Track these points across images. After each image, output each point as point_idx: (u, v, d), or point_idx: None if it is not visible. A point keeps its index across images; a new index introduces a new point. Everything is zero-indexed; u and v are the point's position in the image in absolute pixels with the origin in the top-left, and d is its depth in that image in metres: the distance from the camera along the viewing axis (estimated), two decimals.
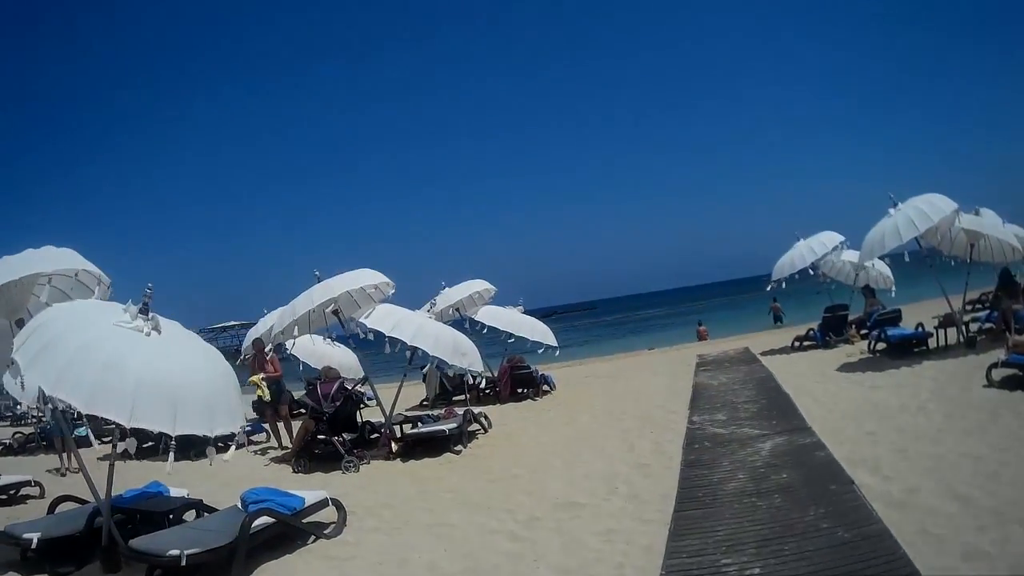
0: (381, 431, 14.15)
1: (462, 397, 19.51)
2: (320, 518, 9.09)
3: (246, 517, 7.80)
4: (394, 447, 13.57)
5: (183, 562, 6.97)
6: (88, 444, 14.00)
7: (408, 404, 19.42)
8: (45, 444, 18.16)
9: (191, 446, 10.46)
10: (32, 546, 8.04)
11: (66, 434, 11.21)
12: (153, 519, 8.76)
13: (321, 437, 13.31)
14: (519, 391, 19.88)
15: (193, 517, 9.26)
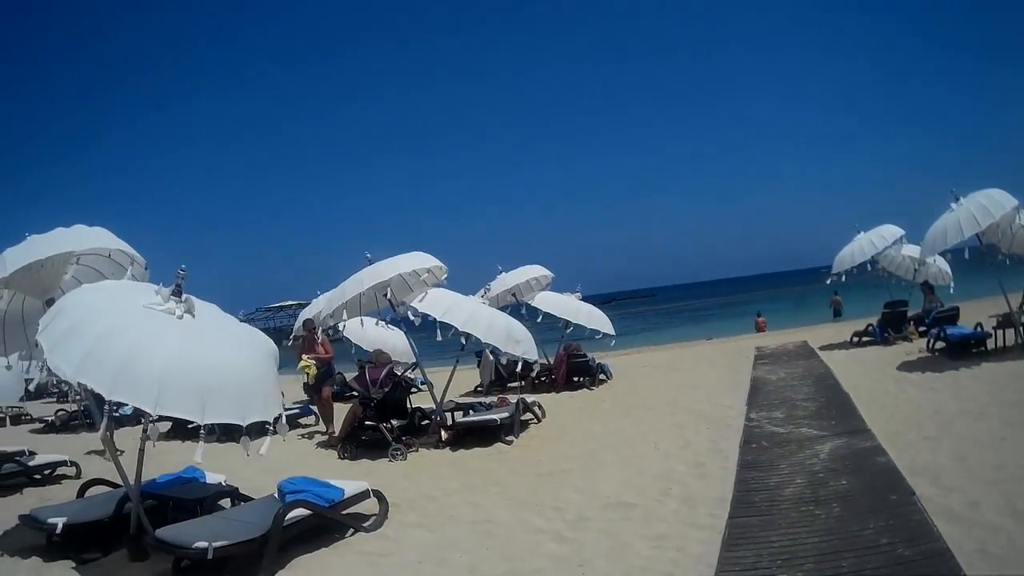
0: (432, 418, 13.99)
1: (517, 384, 19.45)
2: (361, 510, 8.89)
3: (280, 509, 7.58)
4: (444, 435, 13.43)
5: (210, 555, 6.78)
6: (135, 422, 13.80)
7: (463, 390, 19.56)
8: (89, 423, 17.78)
9: (237, 429, 10.28)
10: (57, 531, 7.85)
11: (95, 417, 10.87)
12: (185, 506, 8.56)
13: (369, 423, 13.18)
14: (575, 380, 19.66)
15: (229, 505, 9.15)
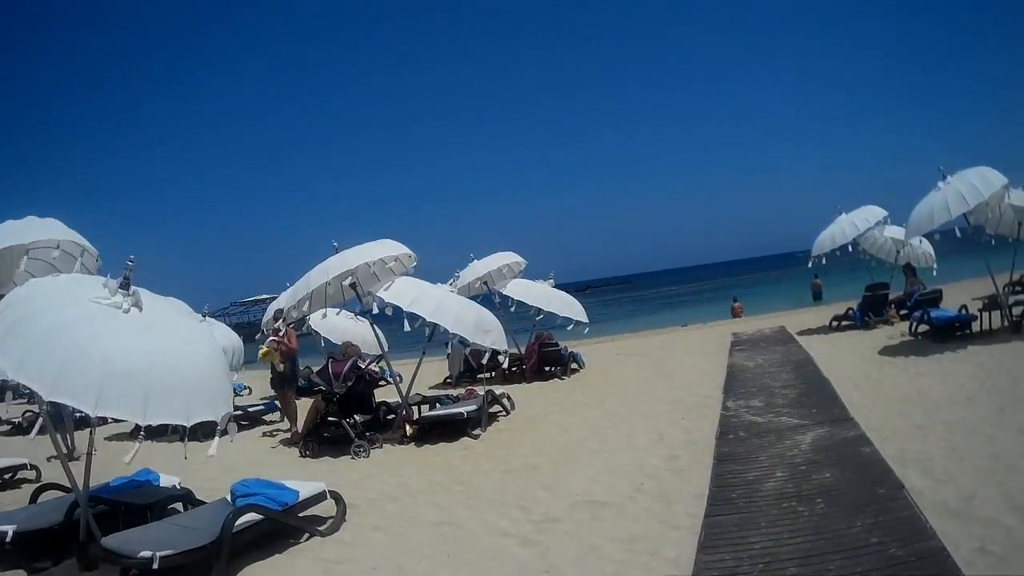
0: (397, 412, 13.59)
1: (487, 375, 19.04)
2: (318, 512, 8.56)
3: (230, 514, 7.23)
4: (409, 430, 12.97)
5: (156, 565, 6.41)
6: (104, 422, 13.11)
7: (432, 382, 19.48)
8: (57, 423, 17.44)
9: (201, 426, 9.92)
10: (7, 539, 7.51)
11: (45, 418, 10.33)
12: (136, 512, 8.23)
13: (332, 419, 12.80)
14: (547, 369, 19.32)
15: (183, 509, 8.72)
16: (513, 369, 19.40)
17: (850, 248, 21.71)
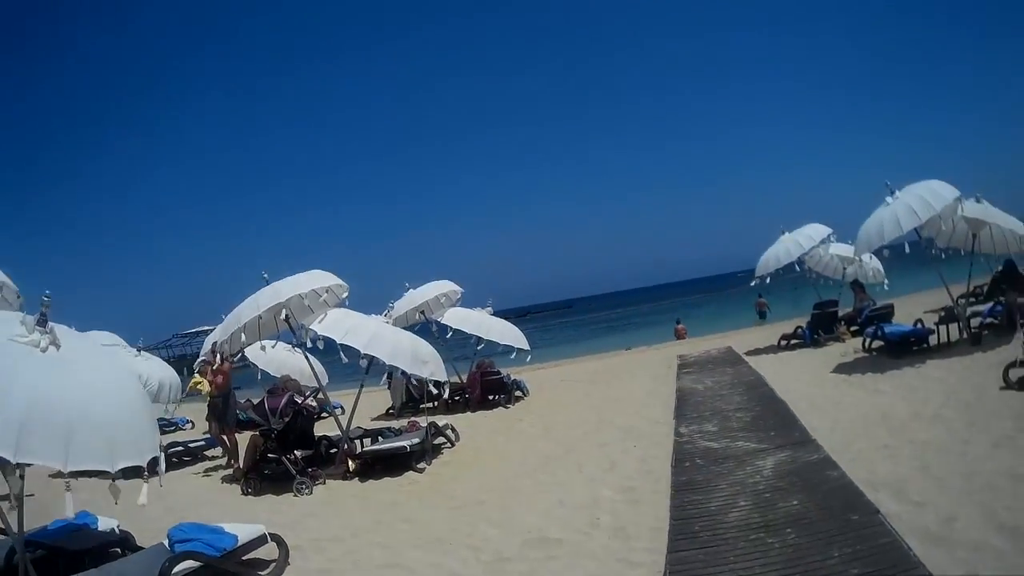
0: (339, 446, 13.03)
1: (431, 405, 18.42)
2: (261, 554, 7.96)
3: (165, 562, 6.74)
4: (351, 465, 12.43)
5: None
6: None
7: (375, 413, 19.15)
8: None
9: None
10: None
11: None
12: (73, 558, 7.74)
13: (272, 455, 12.22)
14: (490, 398, 18.85)
15: (123, 553, 8.25)
16: (456, 399, 18.97)
17: (796, 267, 21.49)
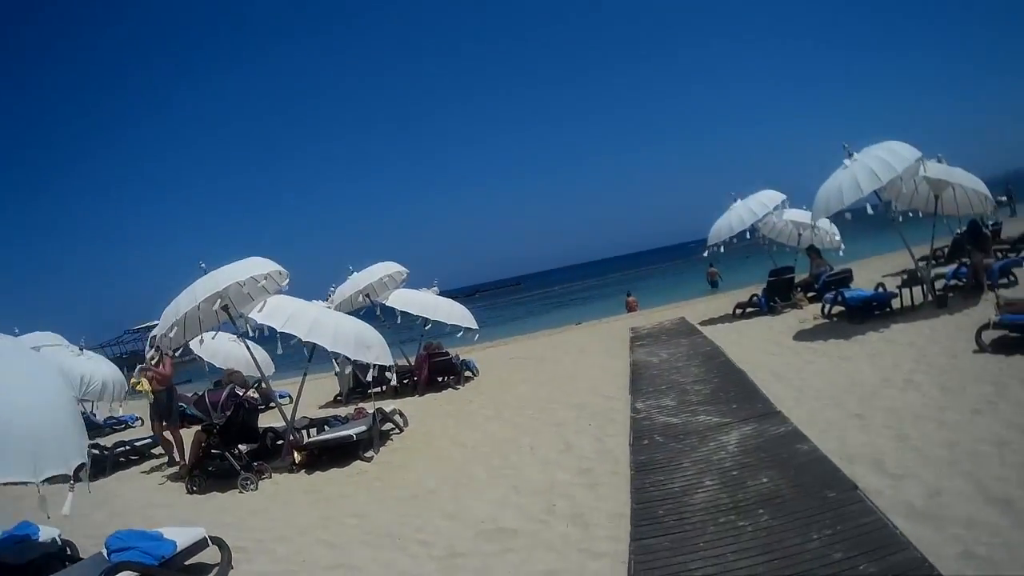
0: (285, 437, 12.48)
1: (379, 389, 17.93)
2: (204, 558, 7.54)
3: (101, 574, 6.47)
4: (298, 457, 11.85)
5: None
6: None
7: (323, 400, 18.69)
8: None
9: (93, 464, 8.76)
10: None
11: None
12: (14, 571, 7.57)
13: (215, 451, 11.69)
14: (439, 380, 18.31)
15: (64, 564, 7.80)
16: (404, 382, 18.50)
17: (748, 235, 20.94)
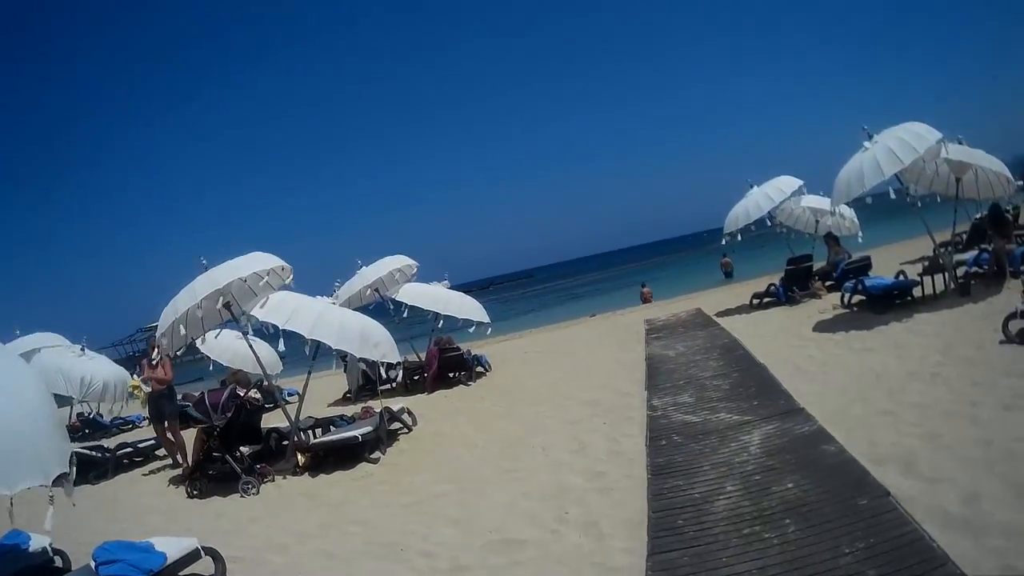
0: (289, 438, 12.13)
1: (389, 386, 17.83)
2: (197, 569, 7.14)
3: None
4: (301, 459, 11.49)
5: None
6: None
7: (332, 398, 18.41)
8: None
9: (91, 467, 8.33)
10: None
11: None
12: None
13: (216, 454, 11.34)
14: (450, 376, 17.92)
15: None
16: (415, 378, 18.11)
17: (768, 222, 20.57)
